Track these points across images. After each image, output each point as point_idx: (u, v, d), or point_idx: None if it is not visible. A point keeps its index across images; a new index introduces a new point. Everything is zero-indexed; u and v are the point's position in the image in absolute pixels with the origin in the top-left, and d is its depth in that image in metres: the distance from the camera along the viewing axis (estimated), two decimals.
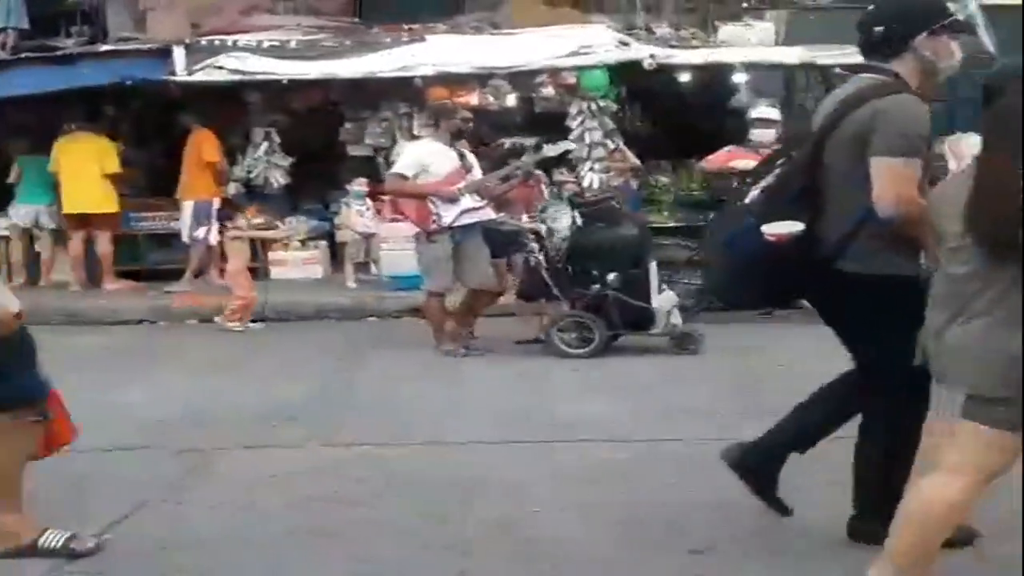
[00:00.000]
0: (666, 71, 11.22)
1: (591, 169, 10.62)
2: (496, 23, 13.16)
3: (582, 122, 10.80)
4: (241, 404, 6.28)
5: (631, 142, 11.52)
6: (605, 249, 7.71)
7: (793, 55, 10.57)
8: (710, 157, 9.36)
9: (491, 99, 10.68)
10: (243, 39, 10.72)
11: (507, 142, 10.75)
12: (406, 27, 12.50)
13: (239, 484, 4.86)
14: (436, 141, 7.88)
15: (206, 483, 4.97)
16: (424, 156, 7.75)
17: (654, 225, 10.75)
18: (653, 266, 7.78)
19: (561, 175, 10.58)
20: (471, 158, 8.06)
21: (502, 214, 8.58)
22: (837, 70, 11.72)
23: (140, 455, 5.39)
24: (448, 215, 7.62)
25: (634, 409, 6.13)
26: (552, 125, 11.22)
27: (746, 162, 8.75)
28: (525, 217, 9.04)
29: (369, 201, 10.49)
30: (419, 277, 10.03)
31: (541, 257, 7.85)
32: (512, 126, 12.27)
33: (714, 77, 11.46)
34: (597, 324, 7.54)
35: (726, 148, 9.24)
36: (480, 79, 10.72)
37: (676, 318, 7.75)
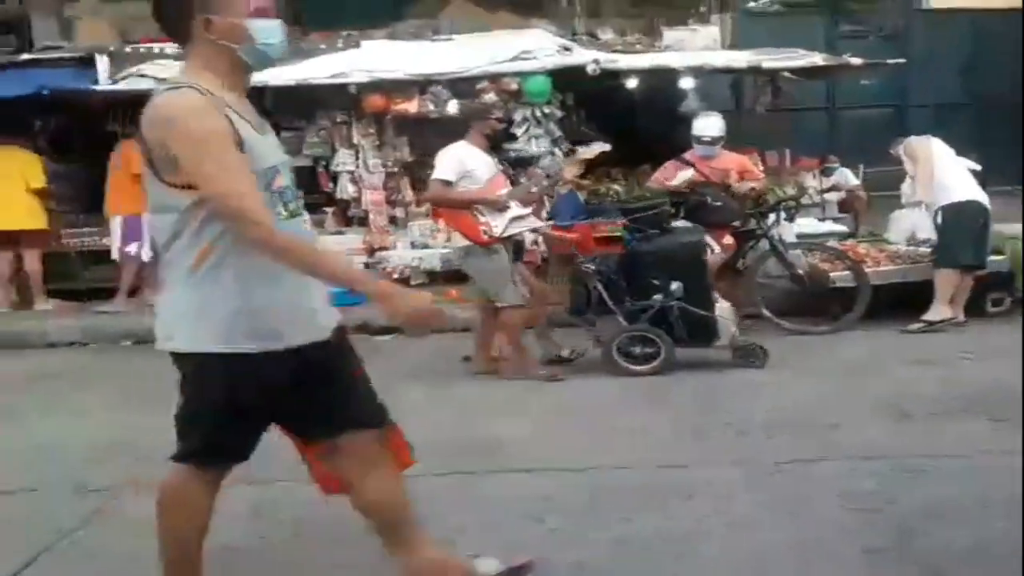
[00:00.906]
0: (613, 77, 10.99)
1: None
2: (436, 29, 12.90)
3: (527, 130, 10.51)
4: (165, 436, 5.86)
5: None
6: (666, 257, 7.21)
7: (740, 59, 10.37)
8: (655, 176, 8.97)
9: (431, 106, 10.33)
10: (170, 46, 10.27)
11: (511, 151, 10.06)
12: (345, 33, 12.20)
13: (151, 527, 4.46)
14: (471, 145, 7.16)
15: (117, 526, 4.56)
16: (466, 160, 7.05)
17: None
18: None
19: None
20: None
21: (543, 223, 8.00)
22: (786, 74, 11.79)
23: (46, 495, 4.97)
24: (499, 224, 7.03)
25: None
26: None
27: (685, 173, 8.48)
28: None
29: (307, 213, 10.03)
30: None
31: (592, 268, 7.33)
32: (456, 135, 11.98)
33: (661, 83, 11.22)
34: (663, 338, 7.07)
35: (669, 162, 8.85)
36: (419, 86, 10.37)
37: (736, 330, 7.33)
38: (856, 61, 10.58)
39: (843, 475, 4.71)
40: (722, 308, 7.25)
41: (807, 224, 9.70)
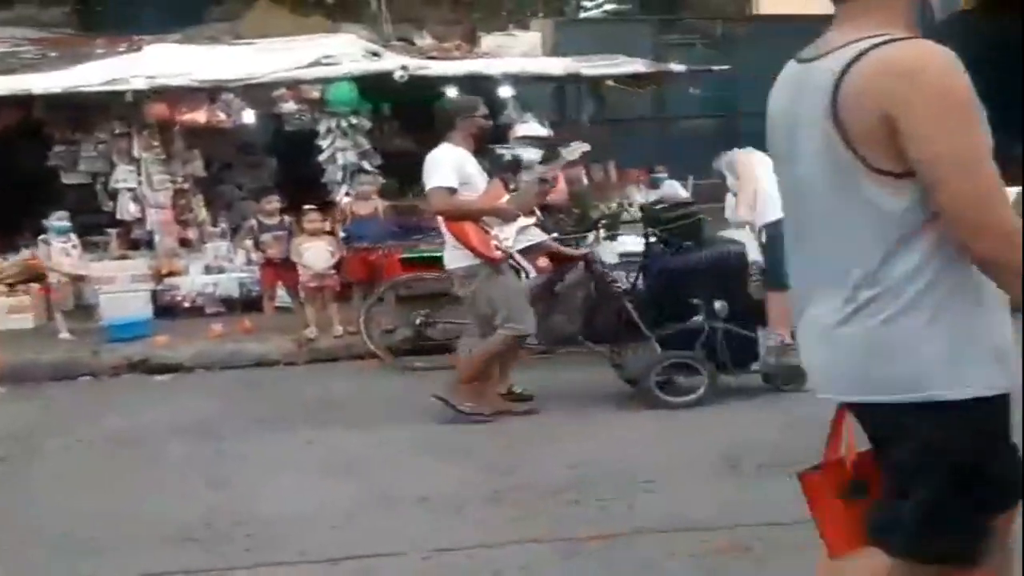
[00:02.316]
0: (431, 86, 10.21)
1: (347, 195, 9.44)
2: (238, 34, 11.93)
3: (332, 142, 9.63)
4: None
5: (392, 164, 10.46)
6: (706, 272, 6.26)
7: (558, 66, 9.72)
8: None
9: (222, 115, 9.32)
10: None
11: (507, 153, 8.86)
12: (135, 38, 11.13)
13: None
14: (456, 147, 6.04)
15: None
16: (463, 164, 6.00)
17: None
18: None
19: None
20: None
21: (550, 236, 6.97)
22: (610, 83, 11.26)
23: None
24: (509, 237, 6.08)
25: None
26: (301, 144, 10.03)
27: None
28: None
29: (74, 237, 8.91)
30: (143, 323, 8.76)
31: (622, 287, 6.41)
32: (257, 146, 11.03)
33: (481, 92, 10.45)
34: (706, 366, 6.12)
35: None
36: (209, 94, 9.36)
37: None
38: (679, 68, 10.07)
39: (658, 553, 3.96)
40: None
41: (632, 242, 9.08)
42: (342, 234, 8.31)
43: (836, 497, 2.25)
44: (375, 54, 9.94)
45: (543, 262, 7.64)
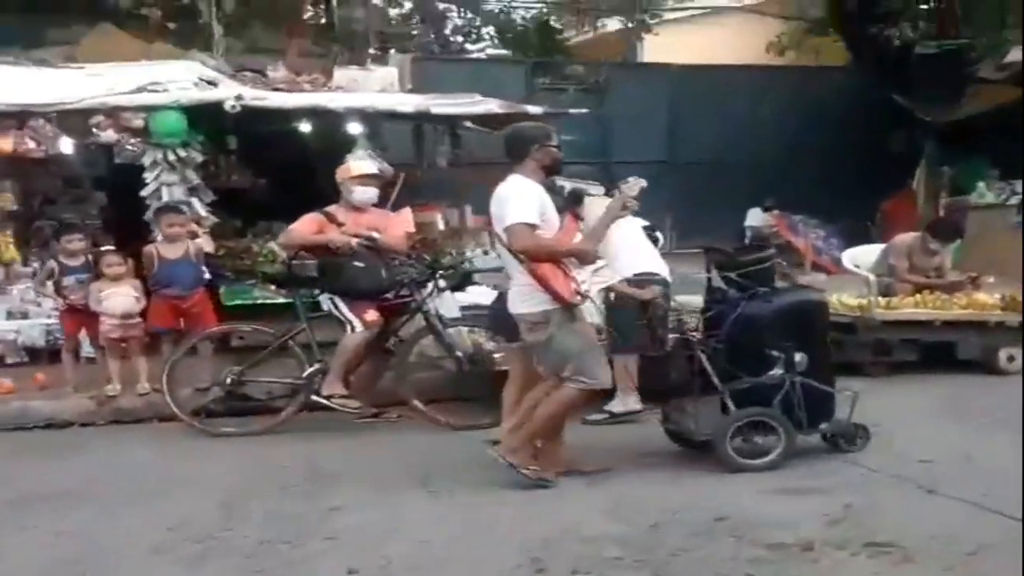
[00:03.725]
0: (275, 119, 9.46)
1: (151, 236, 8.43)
2: (72, 57, 11.00)
3: (158, 175, 8.72)
4: None
5: (228, 202, 9.63)
6: (784, 320, 5.66)
7: (408, 102, 9.02)
8: (292, 228, 7.29)
9: (31, 144, 8.36)
10: None
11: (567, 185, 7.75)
12: None
13: None
14: (527, 179, 5.33)
15: None
16: (542, 199, 5.31)
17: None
18: None
19: None
20: None
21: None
22: (468, 124, 10.62)
23: None
24: (585, 280, 5.55)
25: None
26: (132, 177, 9.10)
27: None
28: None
29: None
30: None
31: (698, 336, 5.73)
32: (84, 178, 10.05)
33: (330, 128, 9.72)
34: (784, 423, 5.53)
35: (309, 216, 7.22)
36: (17, 118, 8.40)
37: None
38: (535, 110, 9.41)
39: None
40: None
41: (481, 294, 8.40)
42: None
43: None
44: (211, 83, 9.11)
45: (372, 315, 6.91)
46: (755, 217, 14.90)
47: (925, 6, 14.76)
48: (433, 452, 6.16)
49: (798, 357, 5.61)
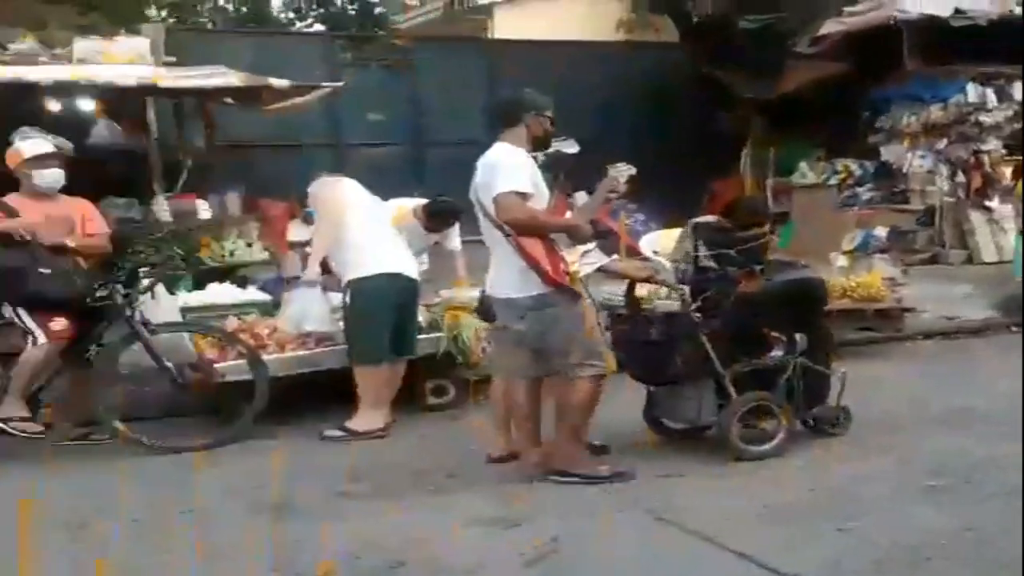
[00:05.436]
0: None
1: None
2: None
3: None
4: None
5: None
6: (781, 299, 5.40)
7: (130, 75, 7.95)
8: None
9: None
10: None
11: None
12: None
13: None
14: (518, 148, 4.91)
15: None
16: (533, 170, 4.90)
17: None
18: None
19: None
20: None
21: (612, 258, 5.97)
22: (228, 100, 9.56)
23: None
24: (575, 261, 5.27)
25: None
26: None
27: None
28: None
29: None
30: None
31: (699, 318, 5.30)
32: None
33: (65, 103, 8.62)
34: (785, 408, 5.33)
35: None
36: None
37: None
38: (281, 83, 8.44)
39: None
40: None
41: (222, 292, 7.44)
42: None
43: None
44: None
45: (58, 324, 5.89)
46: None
47: None
48: (106, 488, 5.20)
49: (797, 338, 5.50)
